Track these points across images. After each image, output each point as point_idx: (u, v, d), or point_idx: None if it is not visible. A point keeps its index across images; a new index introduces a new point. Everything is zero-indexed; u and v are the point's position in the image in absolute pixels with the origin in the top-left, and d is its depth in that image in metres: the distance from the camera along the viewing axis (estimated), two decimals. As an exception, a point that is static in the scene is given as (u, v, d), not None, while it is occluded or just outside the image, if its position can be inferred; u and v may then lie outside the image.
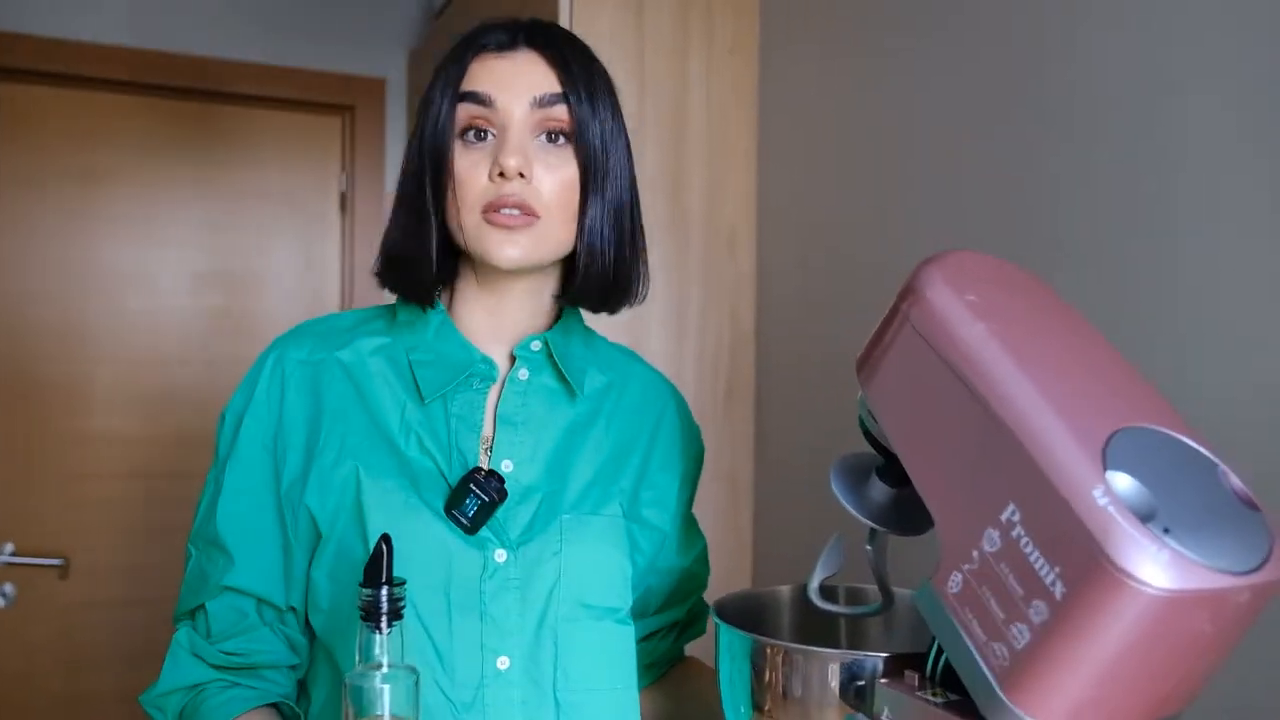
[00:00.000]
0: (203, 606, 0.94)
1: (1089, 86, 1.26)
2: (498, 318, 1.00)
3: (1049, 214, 1.31)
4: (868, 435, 0.76)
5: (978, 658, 0.62)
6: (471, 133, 0.93)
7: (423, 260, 0.95)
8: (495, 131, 0.92)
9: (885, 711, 0.69)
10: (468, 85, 0.91)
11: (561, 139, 0.93)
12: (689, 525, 1.12)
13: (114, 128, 2.66)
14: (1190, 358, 1.11)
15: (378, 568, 0.74)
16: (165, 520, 2.65)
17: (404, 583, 0.75)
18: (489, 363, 0.98)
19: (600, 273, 0.96)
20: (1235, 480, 0.60)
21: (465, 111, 0.92)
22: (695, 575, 1.14)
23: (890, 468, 0.76)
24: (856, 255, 1.70)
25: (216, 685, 0.94)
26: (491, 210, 0.90)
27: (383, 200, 2.91)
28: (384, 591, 0.73)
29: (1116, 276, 1.21)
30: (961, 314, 0.66)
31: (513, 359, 1.00)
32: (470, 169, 0.92)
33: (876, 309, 1.54)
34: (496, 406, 0.98)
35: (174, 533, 2.63)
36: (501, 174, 0.90)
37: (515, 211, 0.90)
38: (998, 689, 0.60)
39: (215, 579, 0.94)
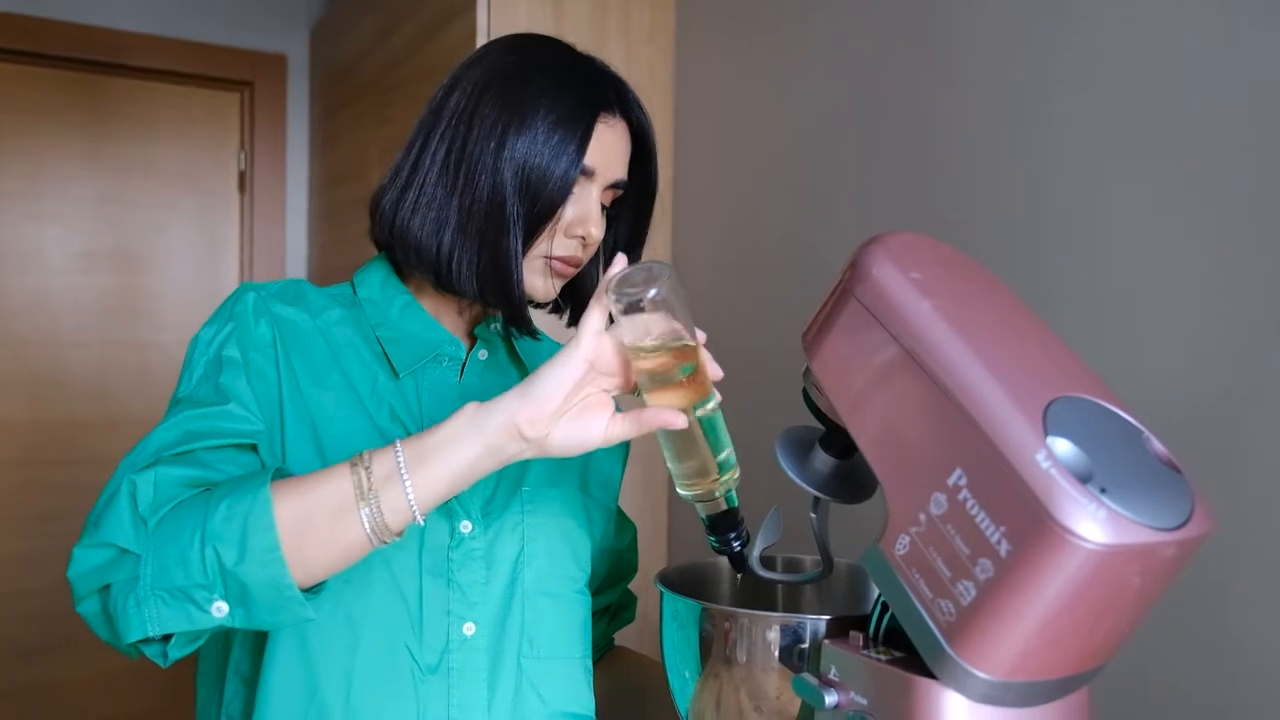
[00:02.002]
0: (190, 451, 0.83)
1: (1006, 75, 1.32)
2: (459, 306, 1.02)
3: (964, 201, 1.37)
4: (812, 407, 0.79)
5: (925, 615, 0.65)
6: None
7: (516, 282, 0.93)
8: (579, 186, 0.96)
9: (831, 670, 0.72)
10: (590, 159, 0.94)
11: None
12: (620, 511, 1.16)
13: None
14: (1103, 337, 1.18)
15: None
16: (54, 509, 2.56)
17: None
18: (457, 344, 1.00)
19: None
20: (1158, 445, 0.65)
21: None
22: (627, 560, 1.19)
23: (833, 439, 0.80)
24: (771, 244, 1.74)
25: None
26: (559, 261, 0.96)
27: (285, 180, 2.85)
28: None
29: (1033, 261, 1.27)
30: (908, 291, 0.69)
31: (473, 339, 1.03)
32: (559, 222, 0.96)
33: (791, 297, 1.58)
34: (459, 383, 1.00)
35: (63, 521, 2.55)
36: (582, 237, 0.96)
37: (572, 265, 0.98)
38: (944, 644, 0.64)
39: (217, 430, 0.85)
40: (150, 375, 2.69)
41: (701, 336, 0.79)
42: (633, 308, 0.76)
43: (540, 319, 1.06)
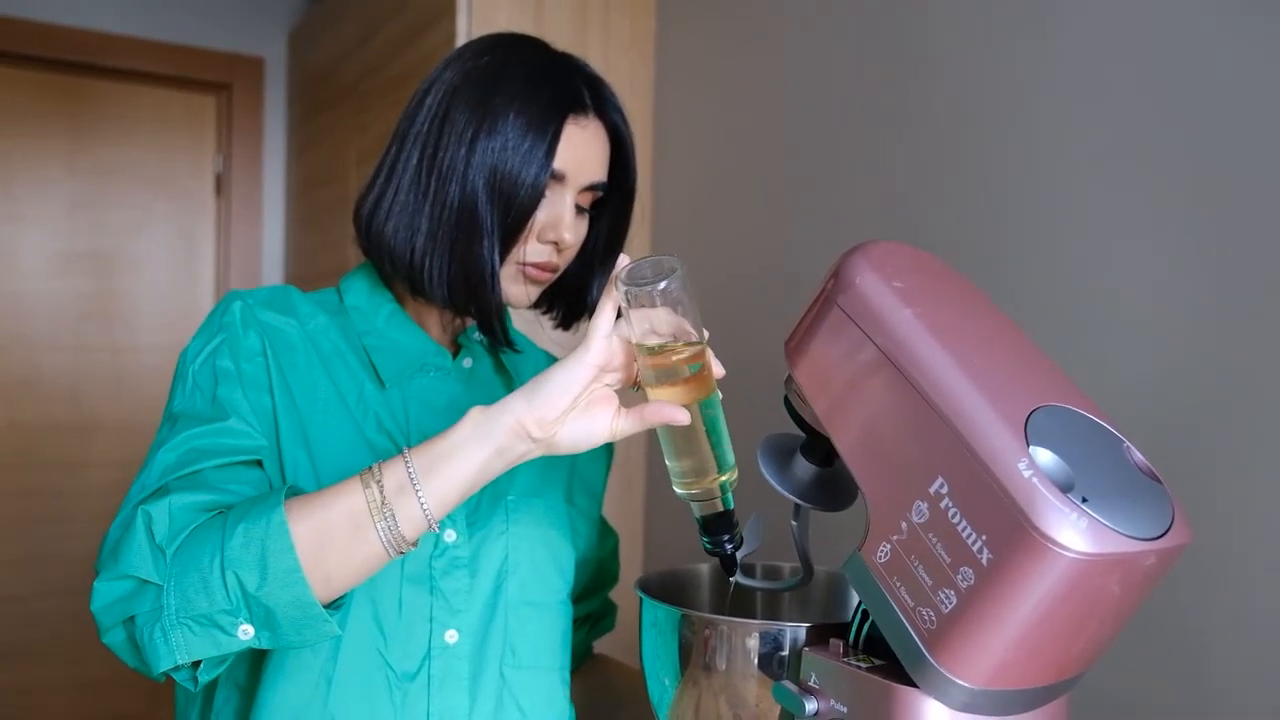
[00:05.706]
0: (198, 472, 0.82)
1: (984, 80, 1.33)
2: (441, 314, 1.01)
3: (943, 206, 1.38)
4: (794, 415, 0.79)
5: (905, 623, 0.65)
6: None
7: (490, 291, 0.92)
8: (550, 190, 0.95)
9: (812, 678, 0.72)
10: (560, 163, 0.92)
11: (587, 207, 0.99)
12: (602, 519, 1.16)
13: (-28, 98, 2.52)
14: (1075, 348, 1.19)
15: None
16: (27, 513, 2.53)
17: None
18: (443, 353, 0.99)
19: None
20: (1139, 455, 0.65)
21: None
22: (608, 569, 1.18)
23: (814, 446, 0.80)
24: (752, 250, 1.74)
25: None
26: (532, 267, 0.95)
27: (262, 184, 2.83)
28: None
29: (1012, 268, 1.28)
30: (891, 300, 0.69)
31: (457, 347, 1.02)
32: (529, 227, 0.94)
33: (772, 304, 1.58)
34: (445, 392, 0.99)
35: (36, 525, 2.52)
36: (554, 242, 0.95)
37: (547, 271, 0.97)
38: (925, 652, 0.64)
39: (221, 447, 0.84)
40: (124, 379, 2.67)
41: (705, 335, 0.79)
42: (642, 301, 0.75)
43: (519, 318, 1.06)
